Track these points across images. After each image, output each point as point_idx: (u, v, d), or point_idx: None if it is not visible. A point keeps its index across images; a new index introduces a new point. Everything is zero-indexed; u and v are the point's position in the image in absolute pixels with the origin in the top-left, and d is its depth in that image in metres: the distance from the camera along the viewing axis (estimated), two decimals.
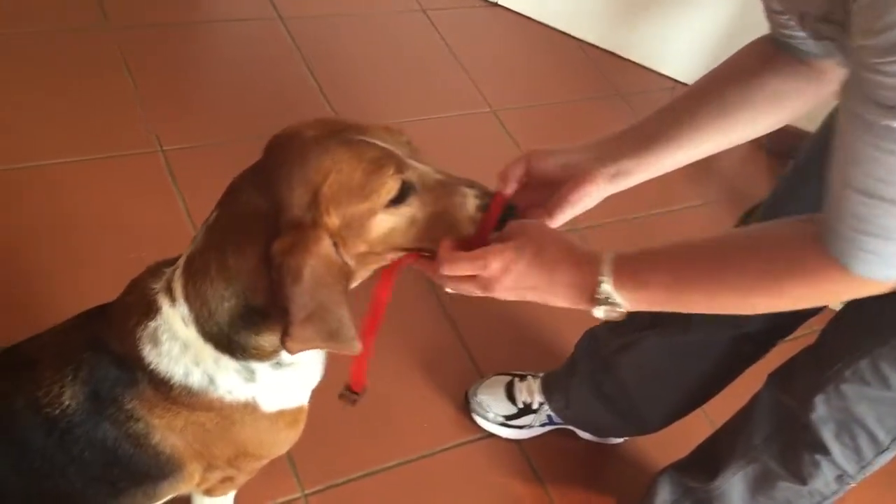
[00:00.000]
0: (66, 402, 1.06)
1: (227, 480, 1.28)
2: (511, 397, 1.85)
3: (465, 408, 1.88)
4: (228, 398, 1.10)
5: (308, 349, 1.03)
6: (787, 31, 1.11)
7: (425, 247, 1.04)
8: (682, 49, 2.93)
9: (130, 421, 1.07)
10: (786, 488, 1.46)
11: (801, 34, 1.08)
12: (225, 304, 1.01)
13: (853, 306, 1.38)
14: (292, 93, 2.48)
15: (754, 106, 1.15)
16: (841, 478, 1.41)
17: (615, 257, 1.00)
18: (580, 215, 2.43)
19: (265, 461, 1.26)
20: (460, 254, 1.00)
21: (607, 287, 0.98)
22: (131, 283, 1.13)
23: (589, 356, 1.77)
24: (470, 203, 1.02)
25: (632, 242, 2.30)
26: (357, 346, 1.01)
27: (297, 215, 0.96)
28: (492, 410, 1.84)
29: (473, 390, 1.87)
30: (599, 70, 2.98)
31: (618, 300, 0.99)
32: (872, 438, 1.35)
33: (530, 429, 1.86)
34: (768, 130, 1.18)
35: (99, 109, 2.21)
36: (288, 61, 2.57)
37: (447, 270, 1.01)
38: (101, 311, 1.13)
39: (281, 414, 1.16)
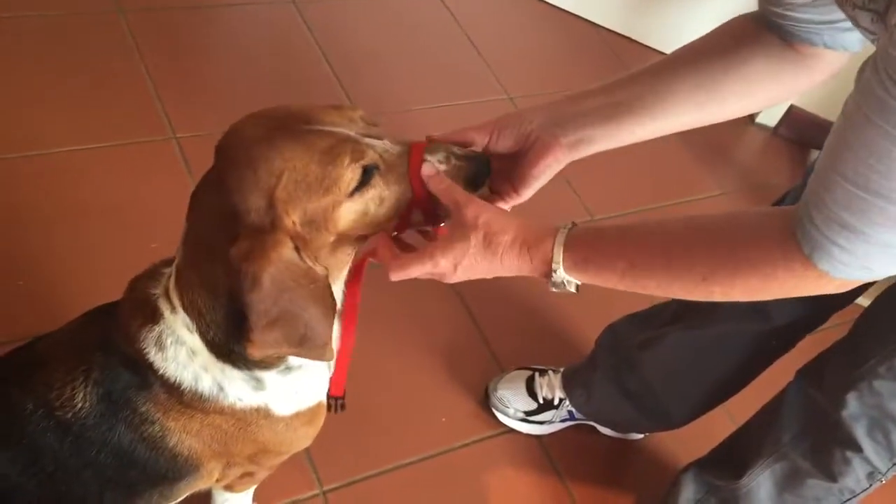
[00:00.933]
0: (79, 405, 1.04)
1: (247, 476, 1.27)
2: (531, 392, 1.82)
3: (485, 403, 1.85)
4: (240, 405, 1.08)
5: (274, 353, 1.00)
6: (779, 10, 1.07)
7: (397, 221, 1.02)
8: (699, 34, 2.88)
9: (145, 424, 1.05)
10: (815, 486, 1.45)
11: (796, 15, 1.05)
12: (217, 314, 0.99)
13: (885, 300, 1.38)
14: (306, 78, 2.45)
15: (731, 86, 1.11)
16: (872, 475, 1.40)
17: (568, 240, 0.98)
18: (597, 206, 2.41)
19: (286, 456, 1.24)
20: (407, 258, 0.99)
21: (561, 273, 0.98)
22: (132, 283, 1.10)
23: (610, 352, 1.75)
24: (435, 168, 1.00)
25: None
26: (329, 354, 0.99)
27: (254, 220, 0.92)
28: (512, 406, 1.82)
29: (493, 385, 1.85)
30: (617, 56, 2.94)
31: (571, 281, 0.99)
32: None
33: (551, 424, 1.83)
34: (740, 114, 1.15)
35: (110, 96, 2.19)
36: (301, 46, 2.54)
37: (398, 277, 1.00)
38: (110, 310, 1.10)
39: (297, 415, 1.15)
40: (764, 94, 1.15)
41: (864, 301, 1.50)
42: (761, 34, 1.11)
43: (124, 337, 1.04)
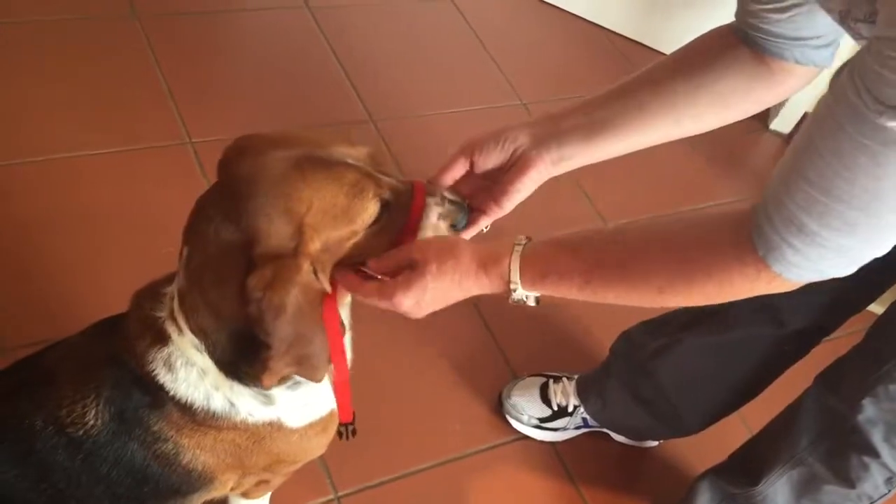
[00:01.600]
0: (90, 423, 1.03)
1: (262, 483, 1.27)
2: (545, 399, 1.82)
3: (499, 409, 1.85)
4: (252, 420, 1.08)
5: (282, 379, 1.02)
6: (754, 22, 1.09)
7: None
8: None
9: (159, 442, 1.05)
10: (832, 492, 1.45)
11: (770, 28, 1.07)
12: (222, 336, 0.99)
13: None
14: (320, 83, 2.45)
15: (704, 104, 1.14)
16: (890, 480, 1.40)
17: (524, 257, 1.00)
18: (610, 212, 2.41)
19: (301, 464, 1.24)
20: (370, 287, 1.02)
21: (520, 292, 1.01)
22: (135, 299, 1.09)
23: (625, 359, 1.74)
24: (433, 212, 1.04)
25: None
26: (322, 375, 1.00)
27: (275, 246, 0.92)
28: (526, 412, 1.81)
29: (507, 392, 1.84)
30: (630, 61, 2.93)
31: (531, 296, 1.02)
32: None
33: (565, 431, 1.82)
34: (714, 127, 1.18)
35: (126, 101, 2.19)
36: (315, 51, 2.54)
37: (363, 299, 1.03)
38: (116, 325, 1.09)
39: (310, 425, 1.15)
40: (737, 108, 1.18)
41: (876, 308, 1.50)
42: (735, 48, 1.13)
43: (133, 358, 1.04)
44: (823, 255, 0.85)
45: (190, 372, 1.02)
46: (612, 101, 1.15)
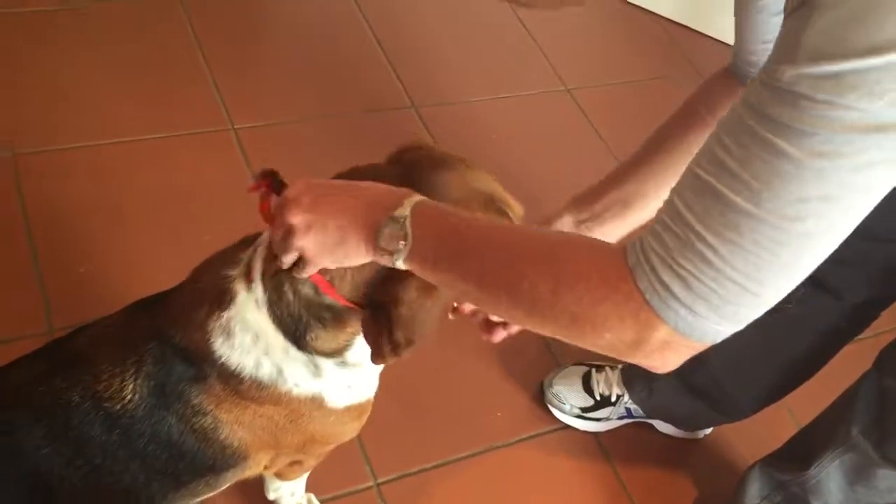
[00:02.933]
0: (128, 397, 1.03)
1: (295, 465, 1.28)
2: (588, 389, 1.80)
3: (541, 398, 1.83)
4: (296, 391, 1.08)
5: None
6: (756, 59, 1.12)
7: None
8: None
9: (197, 416, 1.05)
10: (887, 476, 1.43)
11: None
12: (301, 295, 1.01)
13: None
14: (363, 69, 2.44)
15: None
16: None
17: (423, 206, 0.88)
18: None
19: (333, 446, 1.25)
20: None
21: (404, 210, 0.86)
22: (196, 271, 1.10)
23: None
24: None
25: None
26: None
27: None
28: (568, 402, 1.79)
29: (549, 381, 1.83)
30: (678, 46, 2.88)
31: (407, 226, 0.86)
32: None
33: (607, 421, 1.80)
34: None
35: (169, 86, 2.19)
36: (358, 36, 2.53)
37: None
38: (159, 301, 1.10)
39: (348, 408, 1.15)
40: None
41: None
42: (734, 91, 1.18)
43: (184, 326, 1.04)
44: (694, 266, 0.72)
45: (245, 337, 1.03)
46: (637, 172, 1.25)
